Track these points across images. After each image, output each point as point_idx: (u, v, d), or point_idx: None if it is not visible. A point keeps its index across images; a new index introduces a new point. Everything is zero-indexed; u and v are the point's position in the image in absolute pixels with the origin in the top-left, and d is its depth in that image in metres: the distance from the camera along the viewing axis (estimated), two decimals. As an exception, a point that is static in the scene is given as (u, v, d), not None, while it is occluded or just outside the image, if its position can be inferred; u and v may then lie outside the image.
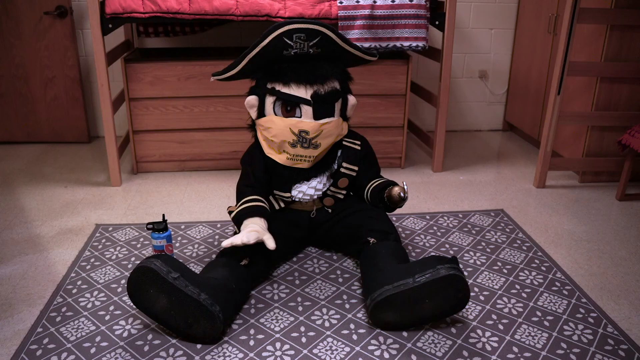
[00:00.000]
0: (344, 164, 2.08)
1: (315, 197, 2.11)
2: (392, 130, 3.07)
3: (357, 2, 2.64)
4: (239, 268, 1.81)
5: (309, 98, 1.95)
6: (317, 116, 1.98)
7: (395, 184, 2.06)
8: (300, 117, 1.97)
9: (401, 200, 1.95)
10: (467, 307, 1.83)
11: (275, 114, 1.99)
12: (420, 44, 2.74)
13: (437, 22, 2.83)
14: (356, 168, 2.10)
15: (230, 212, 1.99)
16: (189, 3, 2.58)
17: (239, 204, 1.98)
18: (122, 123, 3.70)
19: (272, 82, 1.98)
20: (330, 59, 2.04)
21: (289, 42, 1.91)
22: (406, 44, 2.73)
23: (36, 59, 3.39)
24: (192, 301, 1.59)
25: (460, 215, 2.52)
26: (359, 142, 2.12)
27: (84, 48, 3.54)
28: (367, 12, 2.63)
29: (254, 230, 1.81)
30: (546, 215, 2.56)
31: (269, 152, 2.04)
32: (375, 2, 2.65)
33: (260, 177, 2.05)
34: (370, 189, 2.11)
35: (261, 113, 2.04)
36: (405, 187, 1.94)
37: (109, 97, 2.72)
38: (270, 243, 1.81)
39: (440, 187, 2.88)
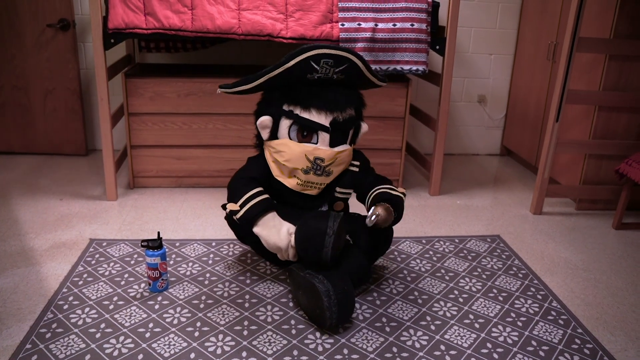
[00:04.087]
0: (338, 188, 2.06)
1: None
2: (390, 152, 3.08)
3: (359, 25, 2.65)
4: None
5: (328, 125, 1.92)
6: (332, 144, 1.95)
7: (387, 194, 1.99)
8: (317, 143, 1.94)
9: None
10: (462, 334, 1.81)
11: (290, 138, 1.94)
12: (421, 67, 2.75)
13: (437, 47, 2.85)
14: (350, 191, 2.08)
15: (232, 212, 1.90)
16: (191, 21, 2.59)
17: (246, 199, 1.89)
18: (120, 137, 3.69)
19: (291, 105, 1.93)
20: (348, 85, 2.02)
21: (316, 66, 1.86)
22: (406, 67, 2.74)
23: (37, 70, 3.39)
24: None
25: (457, 240, 2.51)
26: (357, 163, 2.09)
27: (85, 61, 3.55)
28: (368, 34, 2.65)
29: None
30: (542, 242, 2.55)
31: (278, 175, 1.99)
32: (376, 25, 2.66)
33: (262, 179, 2.01)
34: (370, 199, 2.03)
35: (273, 135, 1.98)
36: (373, 218, 1.86)
37: (109, 111, 2.72)
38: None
39: (437, 211, 2.87)
